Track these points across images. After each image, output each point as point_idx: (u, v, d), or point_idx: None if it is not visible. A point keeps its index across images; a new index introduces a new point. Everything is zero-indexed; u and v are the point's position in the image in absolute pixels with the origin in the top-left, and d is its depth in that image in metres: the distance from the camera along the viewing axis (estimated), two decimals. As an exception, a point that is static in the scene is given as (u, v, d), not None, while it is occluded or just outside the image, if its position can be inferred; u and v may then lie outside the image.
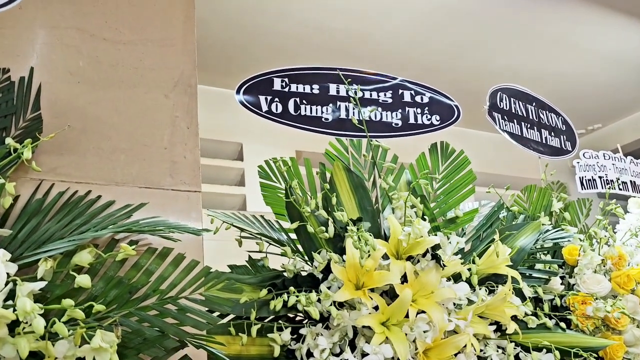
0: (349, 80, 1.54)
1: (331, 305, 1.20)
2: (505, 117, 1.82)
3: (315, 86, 1.57)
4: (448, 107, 1.65)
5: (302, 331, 1.24)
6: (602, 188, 2.26)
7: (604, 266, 1.62)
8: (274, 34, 3.81)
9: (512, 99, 1.88)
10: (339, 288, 1.24)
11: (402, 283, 1.29)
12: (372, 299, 1.23)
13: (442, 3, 3.65)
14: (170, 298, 0.92)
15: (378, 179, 1.51)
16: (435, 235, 1.45)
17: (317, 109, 1.55)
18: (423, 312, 1.26)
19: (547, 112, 2.01)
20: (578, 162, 2.23)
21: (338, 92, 1.58)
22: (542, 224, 1.67)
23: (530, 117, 1.93)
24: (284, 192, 1.37)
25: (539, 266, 1.60)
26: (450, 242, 1.46)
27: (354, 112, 1.55)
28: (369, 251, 1.25)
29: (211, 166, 4.07)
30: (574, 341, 1.39)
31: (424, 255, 1.34)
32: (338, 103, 1.57)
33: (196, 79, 1.24)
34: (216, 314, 1.24)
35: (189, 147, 1.18)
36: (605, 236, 1.65)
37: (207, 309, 0.94)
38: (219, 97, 3.18)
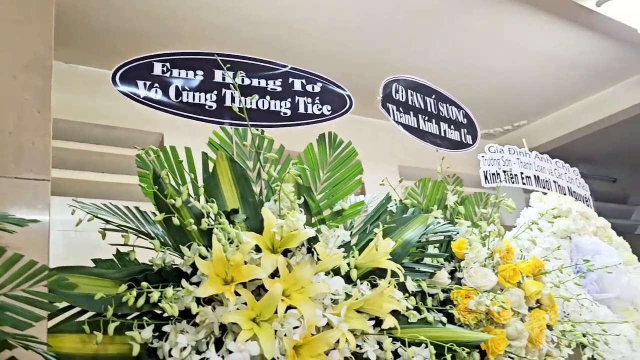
0: (228, 66, 1.47)
1: (192, 301, 1.14)
2: (400, 108, 1.79)
3: (199, 72, 1.51)
4: (340, 96, 1.61)
5: (166, 328, 1.17)
6: (507, 182, 2.28)
7: (492, 260, 1.62)
8: (199, 24, 3.69)
9: (409, 91, 1.86)
10: (211, 282, 1.19)
11: (276, 277, 1.25)
12: (239, 294, 1.18)
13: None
14: (-14, 296, 0.83)
15: (263, 170, 1.46)
16: (319, 228, 1.41)
17: (200, 96, 1.48)
18: (295, 307, 1.21)
19: (448, 105, 2.00)
20: (483, 156, 2.24)
21: (224, 79, 1.52)
22: (434, 217, 1.66)
23: (429, 110, 1.91)
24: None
25: (427, 260, 1.58)
26: (336, 236, 1.43)
27: (239, 100, 1.50)
28: (237, 244, 1.20)
29: (131, 156, 3.93)
30: (452, 336, 1.37)
31: (300, 249, 1.30)
32: (223, 90, 1.51)
33: (52, 61, 1.15)
34: (76, 310, 1.18)
35: (39, 133, 1.10)
36: (494, 230, 1.65)
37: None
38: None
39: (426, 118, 1.88)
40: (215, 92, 1.50)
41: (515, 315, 1.55)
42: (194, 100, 1.47)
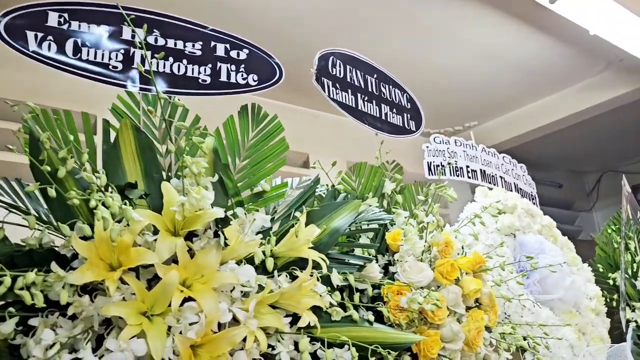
0: (132, 17, 1.28)
1: (63, 288, 0.94)
2: (337, 84, 1.62)
3: (105, 27, 1.30)
4: (269, 65, 1.44)
5: (33, 322, 0.97)
6: (451, 175, 2.15)
7: (430, 253, 1.47)
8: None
9: (347, 67, 1.68)
10: (95, 268, 0.99)
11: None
12: (125, 283, 0.99)
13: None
14: None
15: (172, 142, 1.27)
16: (235, 211, 1.24)
17: (103, 54, 1.28)
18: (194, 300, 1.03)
19: (391, 86, 1.84)
20: (428, 147, 2.10)
21: (133, 37, 1.32)
22: (369, 205, 1.51)
23: (369, 89, 1.74)
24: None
25: (357, 251, 1.42)
26: (252, 219, 1.25)
27: (150, 63, 1.30)
28: (127, 223, 1.01)
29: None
30: (379, 336, 1.21)
31: (206, 232, 1.12)
32: (132, 50, 1.31)
33: None
34: None
35: None
36: (433, 221, 1.50)
37: None
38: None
39: (366, 98, 1.71)
40: (122, 51, 1.30)
41: (452, 315, 1.40)
42: (95, 58, 1.27)
